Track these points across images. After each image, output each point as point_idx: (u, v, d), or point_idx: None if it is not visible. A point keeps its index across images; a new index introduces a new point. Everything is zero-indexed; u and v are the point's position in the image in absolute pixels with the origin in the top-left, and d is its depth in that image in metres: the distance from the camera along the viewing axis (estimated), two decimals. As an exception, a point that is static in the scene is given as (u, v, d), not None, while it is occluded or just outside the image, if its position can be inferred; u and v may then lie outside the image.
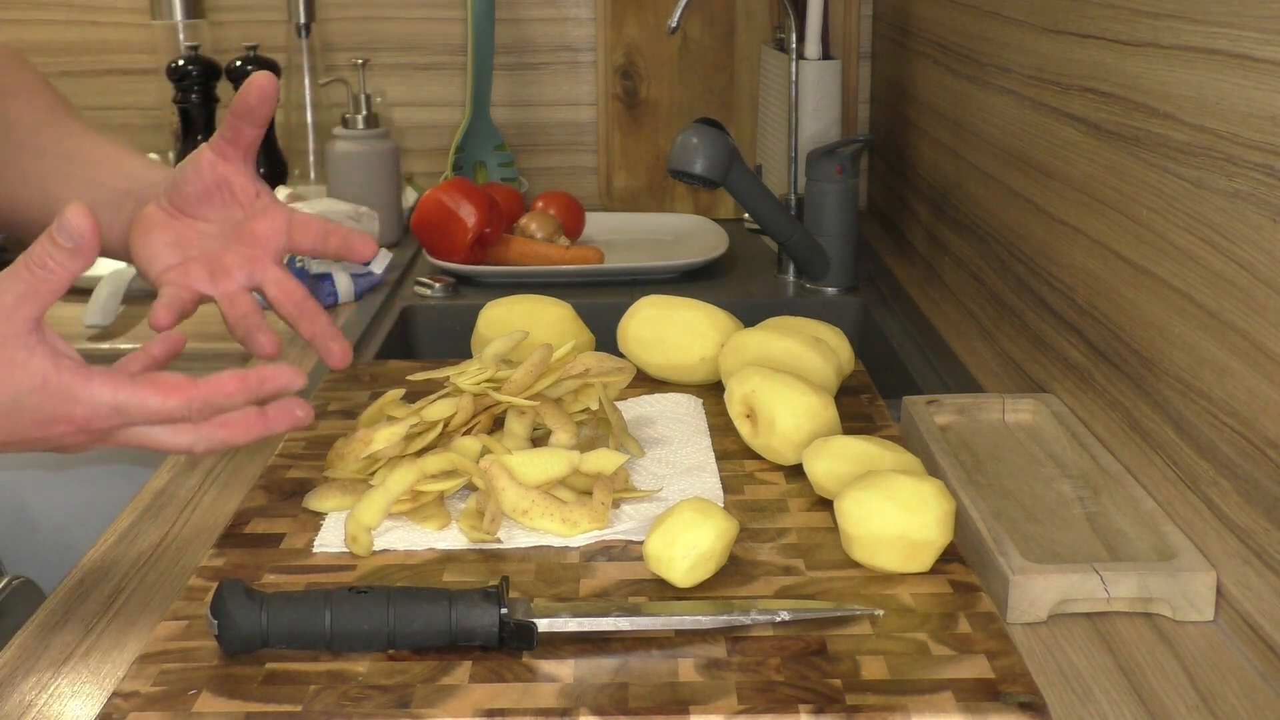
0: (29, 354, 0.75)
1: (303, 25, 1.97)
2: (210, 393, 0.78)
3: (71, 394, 0.76)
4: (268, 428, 0.81)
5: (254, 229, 0.94)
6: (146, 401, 0.77)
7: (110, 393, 0.76)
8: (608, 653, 0.77)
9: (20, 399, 0.75)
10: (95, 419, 0.77)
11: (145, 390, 0.77)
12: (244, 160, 0.95)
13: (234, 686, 0.74)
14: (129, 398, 0.76)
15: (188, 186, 0.94)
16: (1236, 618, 0.84)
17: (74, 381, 0.76)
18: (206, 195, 0.94)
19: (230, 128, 0.94)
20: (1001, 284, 1.33)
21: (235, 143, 0.94)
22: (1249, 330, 0.82)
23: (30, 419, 0.76)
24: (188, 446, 0.80)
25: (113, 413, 0.77)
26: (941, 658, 0.76)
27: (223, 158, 0.95)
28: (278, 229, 0.94)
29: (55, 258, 0.75)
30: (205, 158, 0.95)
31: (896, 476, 0.87)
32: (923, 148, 1.68)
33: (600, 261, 1.70)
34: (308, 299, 0.95)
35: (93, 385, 0.76)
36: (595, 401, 1.03)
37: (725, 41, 2.02)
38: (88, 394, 0.76)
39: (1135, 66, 0.99)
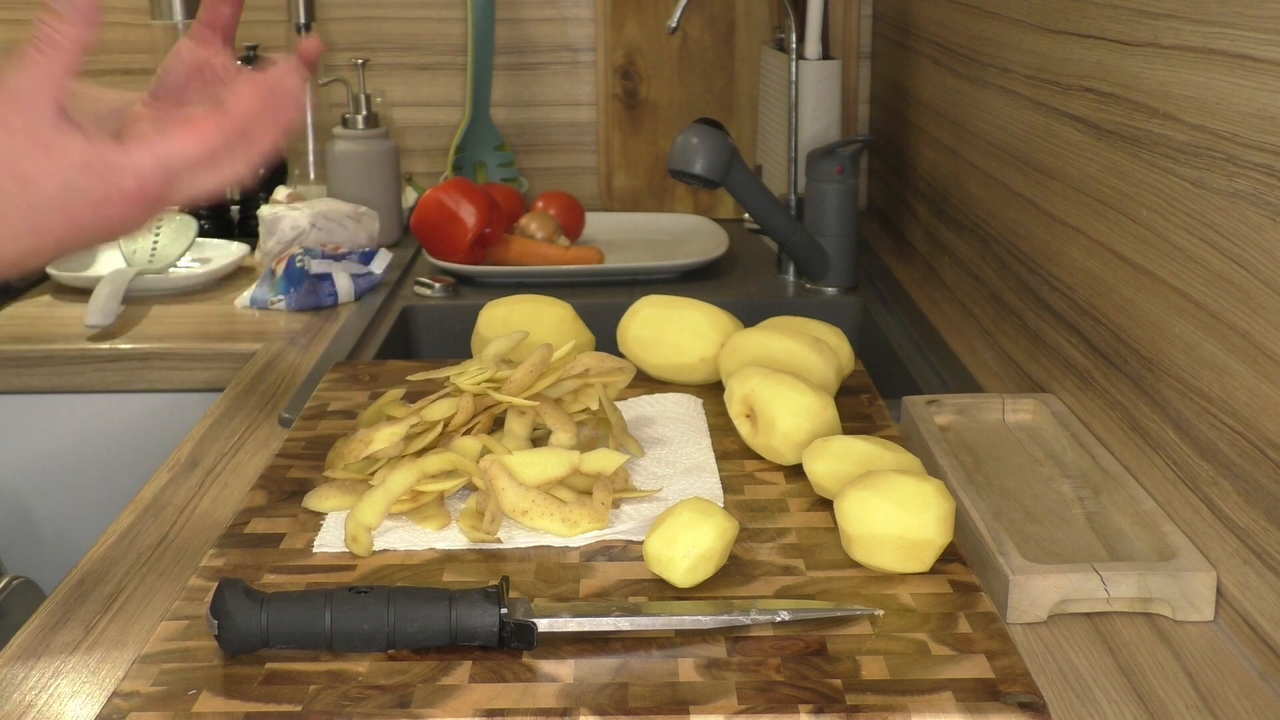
0: (64, 138, 0.73)
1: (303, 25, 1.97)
2: (239, 115, 0.77)
3: (116, 166, 0.74)
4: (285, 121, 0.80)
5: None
6: (185, 149, 0.75)
7: (150, 154, 0.74)
8: (608, 653, 0.77)
9: (70, 184, 0.73)
10: (146, 185, 0.74)
11: (182, 138, 0.75)
12: (223, 42, 0.95)
13: (234, 686, 0.74)
14: (169, 150, 0.75)
15: (169, 76, 0.94)
16: (1236, 618, 0.84)
17: (114, 154, 0.74)
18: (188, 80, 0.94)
19: (207, 8, 0.94)
20: (1001, 284, 1.34)
21: (213, 24, 0.94)
22: (1249, 330, 0.82)
23: (85, 201, 0.74)
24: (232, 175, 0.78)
25: (159, 172, 0.75)
26: (941, 658, 0.76)
27: (201, 42, 0.94)
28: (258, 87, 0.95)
29: (60, 29, 0.73)
30: (183, 45, 0.95)
31: (896, 476, 0.87)
32: (923, 148, 1.68)
33: (600, 261, 1.70)
34: None
35: (132, 152, 0.74)
36: (595, 401, 1.03)
37: (725, 41, 2.02)
38: (130, 162, 0.74)
39: (1135, 66, 0.99)
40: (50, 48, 0.73)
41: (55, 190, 0.73)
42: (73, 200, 0.73)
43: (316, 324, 1.53)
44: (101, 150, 0.74)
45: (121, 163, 0.74)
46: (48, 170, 0.73)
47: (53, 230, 0.74)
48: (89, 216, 0.74)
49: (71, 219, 0.74)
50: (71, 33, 0.73)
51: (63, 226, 0.74)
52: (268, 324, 1.54)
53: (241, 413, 1.25)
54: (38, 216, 0.73)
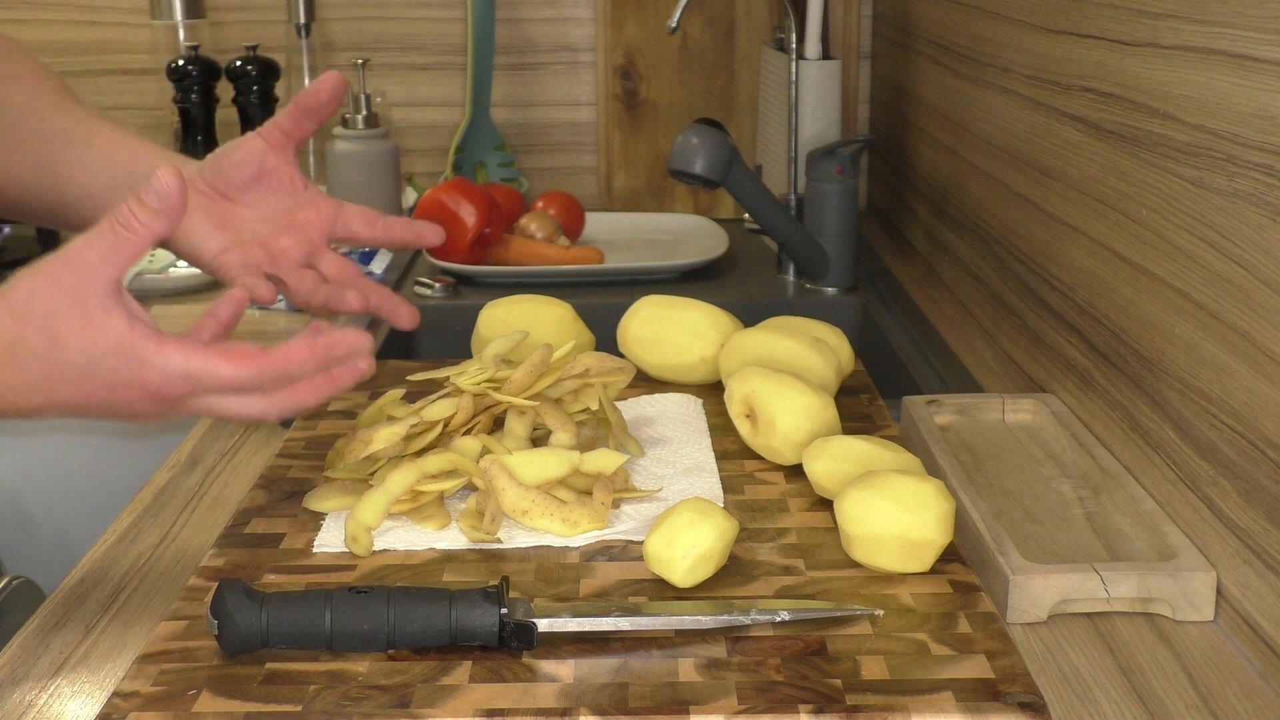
0: (106, 315, 0.74)
1: (303, 25, 1.97)
2: (281, 363, 0.77)
3: (144, 359, 0.74)
4: (335, 387, 0.80)
5: (305, 216, 0.95)
6: (219, 371, 0.76)
7: (183, 360, 0.75)
8: (608, 653, 0.77)
9: (95, 360, 0.74)
10: (166, 385, 0.75)
11: (218, 359, 0.76)
12: (294, 153, 0.96)
13: (234, 686, 0.74)
14: (201, 365, 0.75)
15: (234, 173, 0.94)
16: (1236, 618, 0.84)
17: (148, 346, 0.75)
18: (254, 182, 0.95)
19: (291, 119, 0.94)
20: (1001, 284, 1.34)
21: (292, 134, 0.95)
22: (1249, 330, 0.82)
23: (104, 382, 0.75)
24: (259, 414, 0.79)
25: (184, 380, 0.75)
26: (941, 658, 0.76)
27: (274, 148, 0.95)
28: (327, 216, 0.96)
29: (141, 218, 0.74)
30: (254, 146, 0.95)
31: (896, 476, 0.87)
32: (923, 148, 1.68)
33: (600, 261, 1.70)
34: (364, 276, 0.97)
35: (165, 351, 0.75)
36: (595, 401, 1.03)
37: (725, 41, 2.02)
38: (161, 359, 0.75)
39: (1135, 66, 0.99)
40: (127, 232, 0.74)
41: (80, 362, 0.74)
42: (93, 375, 0.74)
43: (316, 324, 1.53)
44: (137, 339, 0.74)
45: (151, 357, 0.74)
46: (80, 341, 0.74)
47: (65, 396, 0.75)
48: (103, 396, 0.75)
49: (86, 393, 0.75)
50: (152, 224, 0.74)
51: (75, 396, 0.75)
52: (268, 324, 1.53)
53: (241, 413, 1.25)
54: (55, 380, 0.74)
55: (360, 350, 0.80)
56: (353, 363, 0.80)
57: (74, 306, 0.74)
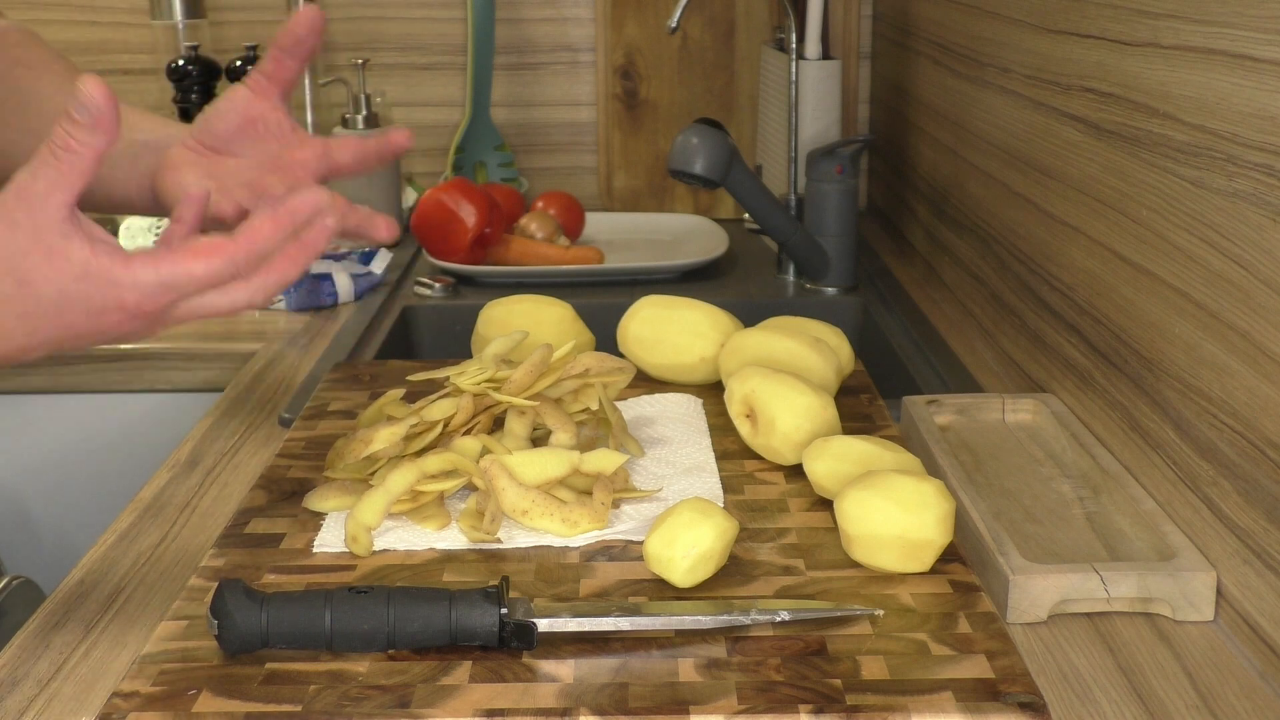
0: (67, 242, 0.73)
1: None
2: (250, 243, 0.75)
3: (115, 279, 0.73)
4: (311, 253, 0.78)
5: (291, 156, 0.94)
6: (192, 270, 0.74)
7: (154, 270, 0.74)
8: (608, 653, 0.77)
9: (66, 290, 0.73)
10: (145, 301, 0.74)
11: (188, 259, 0.74)
12: (281, 97, 0.94)
13: (234, 686, 0.74)
14: (173, 270, 0.74)
15: (220, 123, 0.93)
16: (1236, 618, 0.84)
17: (114, 266, 0.73)
18: (240, 131, 0.94)
19: (272, 60, 0.93)
20: (1001, 284, 1.33)
21: (275, 77, 0.94)
22: (1249, 330, 0.82)
23: (81, 309, 0.74)
24: (246, 302, 0.77)
25: (161, 289, 0.74)
26: (941, 658, 0.76)
27: (259, 94, 0.94)
28: (315, 153, 0.94)
29: (77, 136, 0.72)
30: (239, 94, 0.94)
31: (896, 476, 0.87)
32: (923, 148, 1.68)
33: (600, 261, 1.70)
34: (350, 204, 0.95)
35: (134, 267, 0.73)
36: (595, 401, 1.03)
37: (725, 41, 2.02)
38: (130, 277, 0.73)
39: (1135, 66, 0.99)
40: (67, 153, 0.73)
41: (51, 294, 0.73)
42: (68, 306, 0.73)
43: (316, 324, 1.53)
44: (103, 261, 0.73)
45: (121, 276, 0.73)
46: (46, 274, 0.73)
47: (45, 332, 0.74)
48: (83, 323, 0.74)
49: (65, 324, 0.74)
50: (89, 140, 0.73)
51: (55, 329, 0.74)
52: (268, 324, 1.53)
53: (241, 413, 1.25)
54: (32, 318, 0.74)
55: (320, 206, 0.77)
56: (321, 225, 0.78)
57: (32, 242, 0.72)
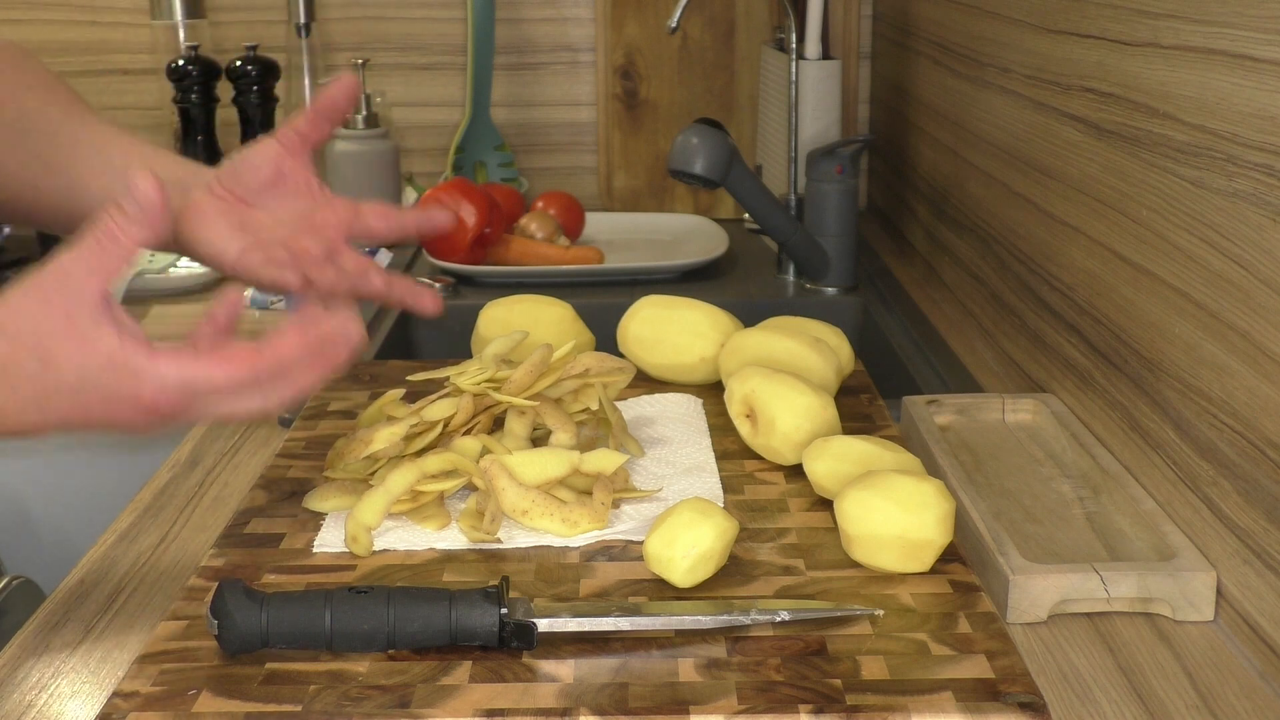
0: (98, 329, 0.73)
1: (303, 25, 1.97)
2: (274, 355, 0.76)
3: (137, 371, 0.74)
4: (330, 367, 0.79)
5: (323, 218, 0.95)
6: (212, 376, 0.75)
7: (176, 370, 0.74)
8: (608, 653, 0.77)
9: (89, 376, 0.73)
10: (162, 398, 0.74)
11: (210, 364, 0.75)
12: (309, 156, 0.96)
13: (234, 686, 0.74)
14: (195, 373, 0.75)
15: (251, 176, 0.94)
16: (1236, 618, 0.84)
17: (139, 359, 0.74)
18: (270, 185, 0.95)
19: (309, 123, 0.94)
20: (1001, 284, 1.34)
21: (308, 138, 0.95)
22: (1249, 330, 0.82)
23: (99, 397, 0.74)
24: (259, 410, 0.78)
25: (180, 389, 0.74)
26: (941, 658, 0.76)
27: (290, 151, 0.95)
28: (345, 217, 0.96)
29: (124, 227, 0.73)
30: (270, 150, 0.95)
31: (896, 476, 0.87)
32: (923, 148, 1.68)
33: (600, 261, 1.70)
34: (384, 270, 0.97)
35: (158, 363, 0.74)
36: (595, 401, 1.03)
37: (725, 41, 2.02)
38: (154, 372, 0.74)
39: (1135, 66, 0.99)
40: (110, 242, 0.74)
41: (72, 379, 0.73)
42: (86, 391, 0.74)
43: (316, 324, 1.53)
44: (129, 353, 0.74)
45: (145, 370, 0.74)
46: (71, 357, 0.73)
47: (59, 413, 0.75)
48: (98, 410, 0.75)
49: (81, 408, 0.74)
50: (135, 234, 0.74)
51: (70, 412, 0.75)
52: (268, 324, 1.53)
53: (241, 413, 1.25)
54: (49, 398, 0.74)
55: (351, 335, 0.79)
56: (345, 338, 0.79)
57: (65, 324, 0.73)
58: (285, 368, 0.77)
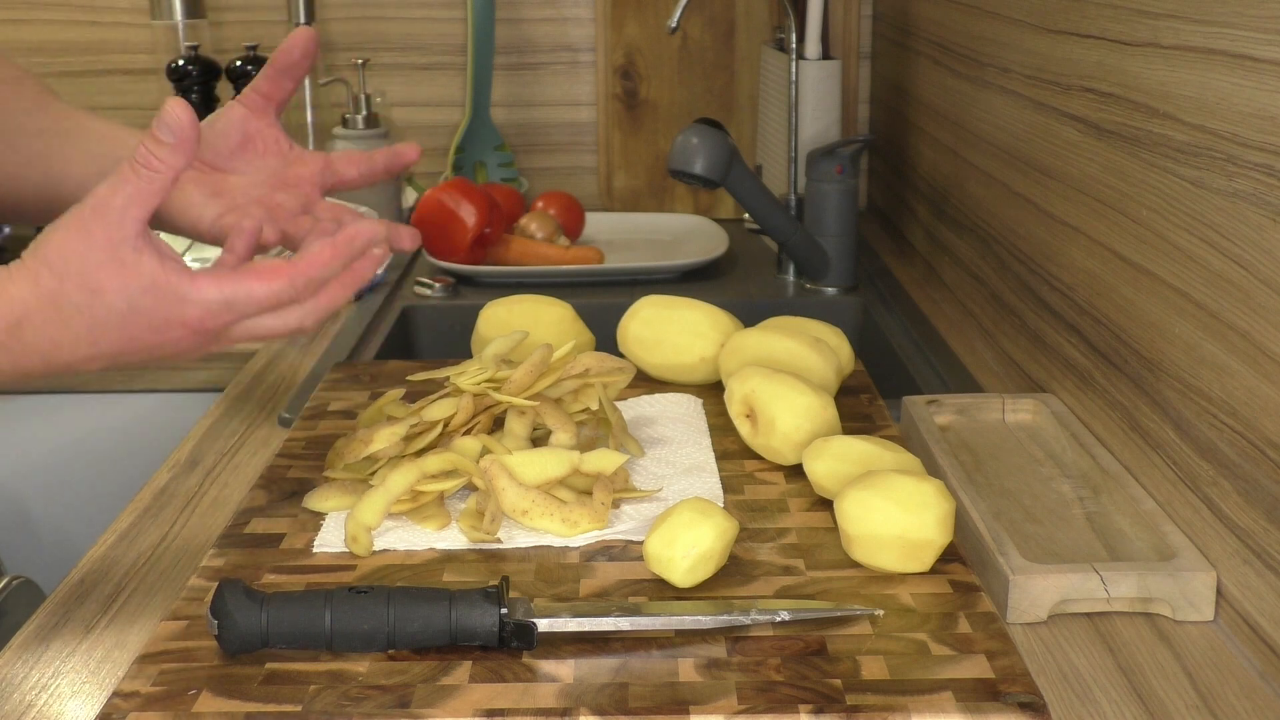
0: (139, 256, 0.76)
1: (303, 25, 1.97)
2: (309, 267, 0.79)
3: (181, 294, 0.76)
4: (359, 281, 0.82)
5: (295, 174, 0.96)
6: (253, 290, 0.77)
7: (217, 289, 0.77)
8: (608, 653, 0.77)
9: (135, 302, 0.76)
10: (207, 317, 0.77)
11: (249, 280, 0.77)
12: (275, 115, 0.96)
13: (234, 686, 0.74)
14: (235, 289, 0.77)
15: (220, 142, 0.95)
16: (1236, 618, 0.84)
17: (181, 281, 0.76)
18: (240, 149, 0.95)
19: (269, 81, 0.95)
20: (1001, 284, 1.34)
21: (271, 97, 0.95)
22: (1249, 330, 0.82)
23: (146, 323, 0.76)
24: (297, 325, 0.80)
25: (223, 308, 0.77)
26: (941, 658, 0.76)
27: (255, 112, 0.95)
28: (317, 168, 0.97)
29: (158, 154, 0.75)
30: (235, 114, 0.95)
31: (896, 476, 0.87)
32: (923, 148, 1.68)
33: (600, 261, 1.70)
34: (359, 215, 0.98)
35: (200, 284, 0.77)
36: (595, 401, 1.03)
37: (725, 41, 2.02)
38: (196, 293, 0.76)
39: (1135, 66, 0.99)
40: (148, 171, 0.75)
41: (121, 305, 0.76)
42: (134, 319, 0.76)
43: (316, 324, 1.53)
44: (171, 276, 0.76)
45: (188, 291, 0.76)
46: (118, 285, 0.75)
47: (109, 343, 0.77)
48: (146, 337, 0.77)
49: (129, 336, 0.77)
50: (171, 160, 0.75)
51: (119, 341, 0.77)
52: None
53: (241, 413, 1.25)
54: (99, 328, 0.76)
55: (378, 236, 0.81)
56: (370, 255, 0.82)
57: (108, 255, 0.75)
58: (321, 279, 0.79)
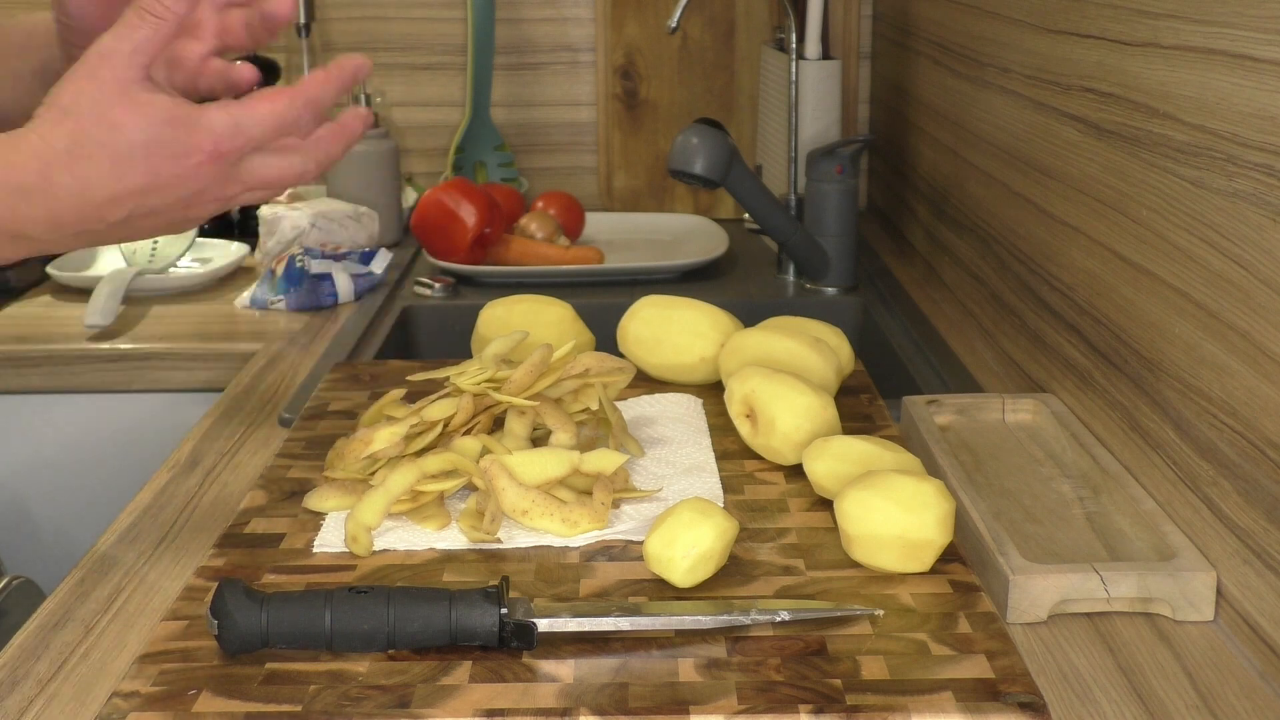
0: (151, 95, 0.78)
1: (303, 25, 1.97)
2: (307, 90, 0.81)
3: (195, 122, 0.78)
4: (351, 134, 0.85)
5: None
6: (256, 109, 0.80)
7: (224, 114, 0.79)
8: (608, 653, 0.77)
9: (153, 134, 0.78)
10: (223, 140, 0.79)
11: (252, 101, 0.80)
12: None
13: (234, 686, 0.74)
14: (241, 112, 0.79)
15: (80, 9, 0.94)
16: (1236, 618, 0.84)
17: (193, 111, 0.79)
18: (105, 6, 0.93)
19: None
20: (1001, 284, 1.34)
21: None
22: (1249, 330, 0.82)
23: (167, 153, 0.78)
24: (300, 170, 0.83)
25: (235, 130, 0.79)
26: (941, 658, 0.76)
27: None
28: None
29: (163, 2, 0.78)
30: None
31: (896, 476, 0.87)
32: (923, 148, 1.68)
33: (600, 261, 1.70)
34: None
35: (209, 112, 0.79)
36: (595, 401, 1.03)
37: (725, 41, 2.02)
38: (207, 120, 0.79)
39: (1135, 66, 0.99)
40: (154, 18, 0.78)
41: (140, 138, 0.78)
42: (155, 150, 0.78)
43: (316, 324, 1.53)
44: (184, 107, 0.79)
45: (200, 120, 0.79)
46: (134, 120, 0.78)
47: (133, 179, 0.79)
48: (169, 167, 0.79)
49: (152, 170, 0.78)
50: (174, 6, 0.78)
51: (143, 176, 0.79)
52: (267, 324, 1.53)
53: (241, 412, 1.25)
54: (123, 163, 0.78)
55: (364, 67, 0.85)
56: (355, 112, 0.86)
57: (119, 92, 0.78)
58: (318, 104, 0.82)
